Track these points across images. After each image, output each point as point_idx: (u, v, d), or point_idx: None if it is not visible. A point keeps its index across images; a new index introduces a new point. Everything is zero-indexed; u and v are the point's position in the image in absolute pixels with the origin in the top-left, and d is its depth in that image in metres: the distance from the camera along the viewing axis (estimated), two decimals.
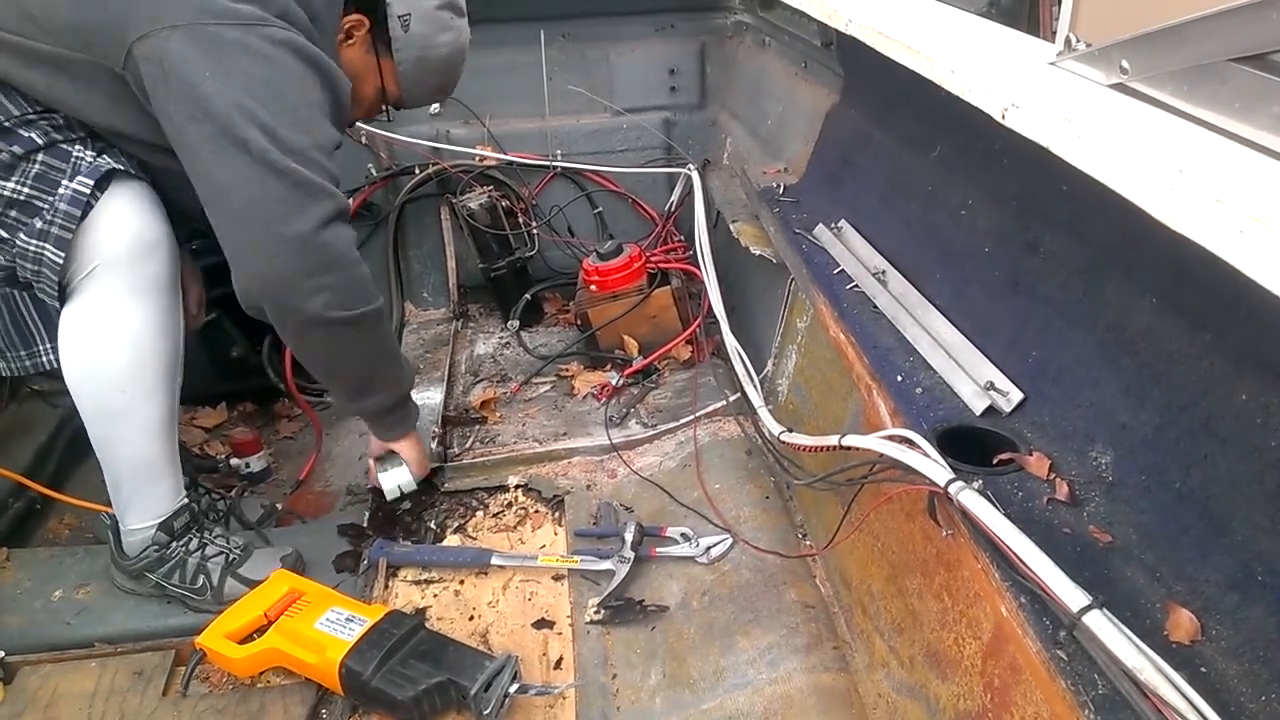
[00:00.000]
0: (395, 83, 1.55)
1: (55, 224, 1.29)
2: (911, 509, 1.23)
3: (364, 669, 1.32)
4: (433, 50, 1.55)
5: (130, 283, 1.34)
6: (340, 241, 1.33)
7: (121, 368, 1.38)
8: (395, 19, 1.49)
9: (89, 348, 1.37)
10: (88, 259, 1.32)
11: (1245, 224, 0.69)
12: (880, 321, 1.54)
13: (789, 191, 2.11)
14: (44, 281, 1.33)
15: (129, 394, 1.39)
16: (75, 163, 1.31)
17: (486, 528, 1.78)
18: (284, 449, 2.22)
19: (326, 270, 1.31)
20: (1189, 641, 0.86)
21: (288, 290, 1.31)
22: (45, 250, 1.30)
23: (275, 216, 1.26)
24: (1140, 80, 0.98)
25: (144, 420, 1.43)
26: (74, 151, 1.32)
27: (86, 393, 1.40)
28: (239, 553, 1.57)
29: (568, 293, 2.62)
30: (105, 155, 1.34)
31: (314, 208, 1.28)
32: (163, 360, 1.42)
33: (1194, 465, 0.96)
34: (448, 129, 2.67)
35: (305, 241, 1.27)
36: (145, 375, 1.40)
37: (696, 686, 1.38)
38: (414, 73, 1.55)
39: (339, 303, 1.34)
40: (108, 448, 1.45)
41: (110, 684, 1.40)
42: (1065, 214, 1.23)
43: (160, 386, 1.43)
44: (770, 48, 2.61)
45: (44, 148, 1.30)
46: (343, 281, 1.34)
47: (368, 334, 1.43)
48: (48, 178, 1.29)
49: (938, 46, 1.32)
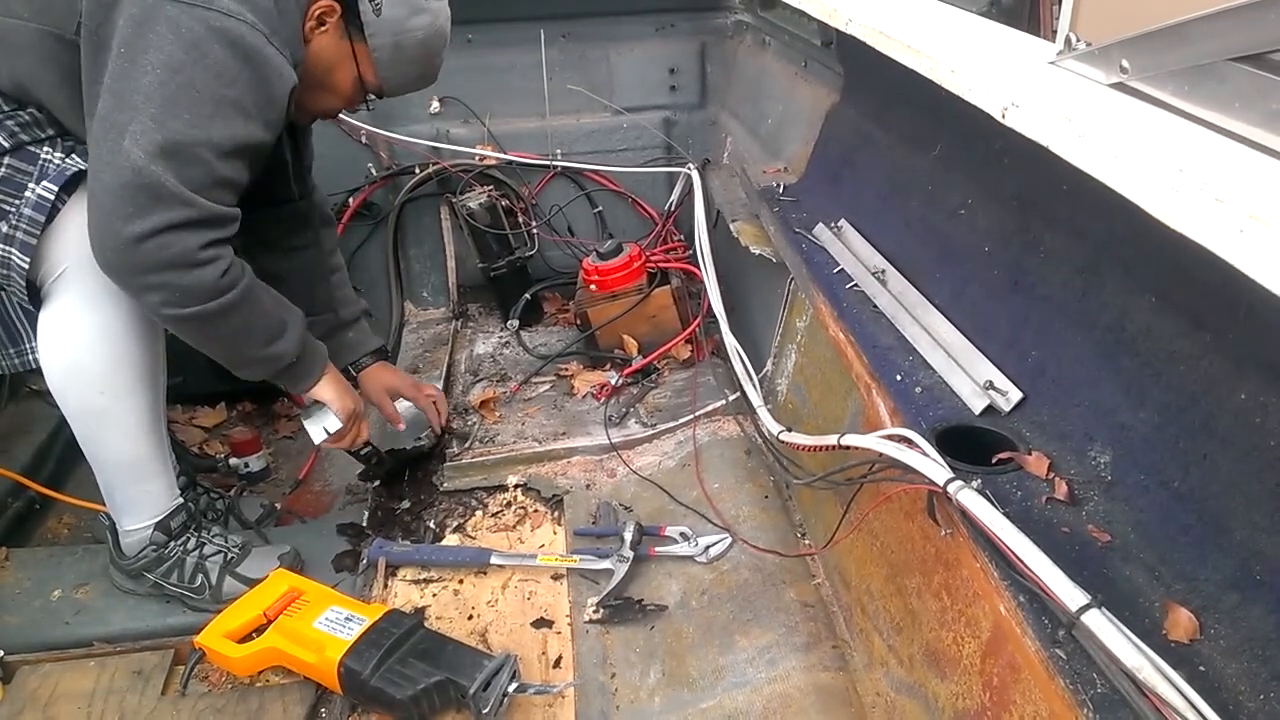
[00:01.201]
0: (372, 70, 1.50)
1: (20, 229, 1.29)
2: (910, 508, 1.23)
3: (363, 668, 1.32)
4: (408, 34, 1.48)
5: (101, 283, 1.32)
6: (173, 251, 1.25)
7: (99, 368, 1.37)
8: (366, 2, 1.43)
9: (65, 349, 1.37)
10: (57, 261, 1.32)
11: (1245, 223, 0.69)
12: (880, 321, 1.54)
13: (789, 191, 2.11)
14: (13, 286, 1.33)
15: (108, 394, 1.39)
16: (43, 165, 1.31)
17: (486, 527, 1.78)
18: (283, 448, 2.22)
19: (154, 272, 1.25)
20: (1188, 640, 0.86)
21: (120, 280, 1.28)
22: (11, 255, 1.29)
23: (116, 212, 1.22)
24: (1140, 80, 0.98)
25: (126, 420, 1.42)
26: (41, 154, 1.31)
27: (67, 394, 1.39)
28: (237, 552, 1.57)
29: (567, 292, 2.62)
30: (74, 155, 1.33)
31: (157, 214, 1.22)
32: (140, 360, 1.41)
33: (1193, 464, 0.96)
34: (448, 129, 2.67)
35: (135, 244, 1.22)
36: (122, 375, 1.40)
37: (695, 685, 1.38)
38: (390, 59, 1.49)
39: (174, 302, 1.29)
40: (93, 448, 1.45)
41: (109, 683, 1.40)
42: (1065, 213, 1.23)
43: (139, 386, 1.42)
44: (770, 47, 2.61)
45: (10, 151, 1.29)
46: (175, 284, 1.27)
47: (219, 324, 1.36)
48: (13, 181, 1.29)
49: (938, 46, 1.32)
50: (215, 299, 1.31)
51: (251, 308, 1.37)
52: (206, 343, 1.40)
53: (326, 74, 1.45)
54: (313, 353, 1.57)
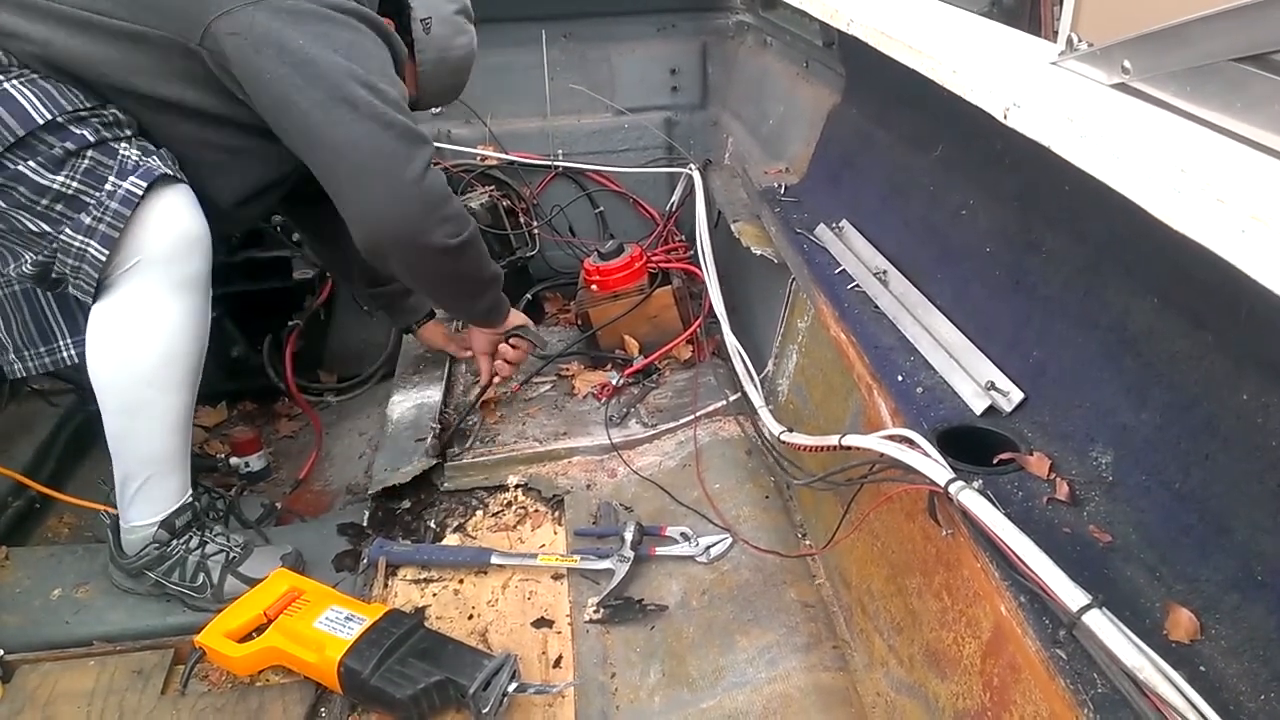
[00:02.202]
0: (415, 84, 1.63)
1: (104, 221, 1.31)
2: (911, 509, 1.23)
3: (363, 668, 1.31)
4: (451, 52, 1.65)
5: (170, 279, 1.37)
6: (441, 180, 1.47)
7: (153, 363, 1.40)
8: (418, 22, 1.59)
9: (121, 342, 1.39)
10: (129, 255, 1.34)
11: (1247, 224, 0.69)
12: (881, 321, 1.54)
13: (790, 191, 2.11)
14: (82, 278, 1.34)
15: (155, 388, 1.41)
16: (122, 160, 1.33)
17: (486, 527, 1.78)
18: (284, 448, 2.22)
19: (443, 204, 1.45)
20: (1188, 641, 0.86)
21: (418, 230, 1.43)
22: (90, 246, 1.31)
23: (394, 167, 1.36)
24: (1142, 80, 0.98)
25: (165, 415, 1.44)
26: (120, 149, 1.34)
27: (115, 385, 1.41)
28: (239, 551, 1.57)
29: (568, 292, 2.62)
30: (154, 156, 1.37)
31: (421, 152, 1.40)
32: (191, 357, 1.44)
33: (1194, 465, 0.96)
34: (449, 129, 2.67)
35: (422, 183, 1.39)
36: (174, 370, 1.42)
37: (696, 685, 1.38)
38: (433, 73, 1.64)
39: (455, 230, 1.49)
40: (125, 442, 1.45)
41: (109, 682, 1.40)
42: (1067, 214, 1.23)
43: (185, 383, 1.45)
44: (771, 47, 2.61)
45: (94, 144, 1.32)
46: (454, 211, 1.49)
47: (479, 250, 1.60)
48: (96, 173, 1.31)
49: (939, 46, 1.32)
50: (469, 225, 1.52)
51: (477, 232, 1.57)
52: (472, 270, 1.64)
53: None
54: None
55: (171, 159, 1.41)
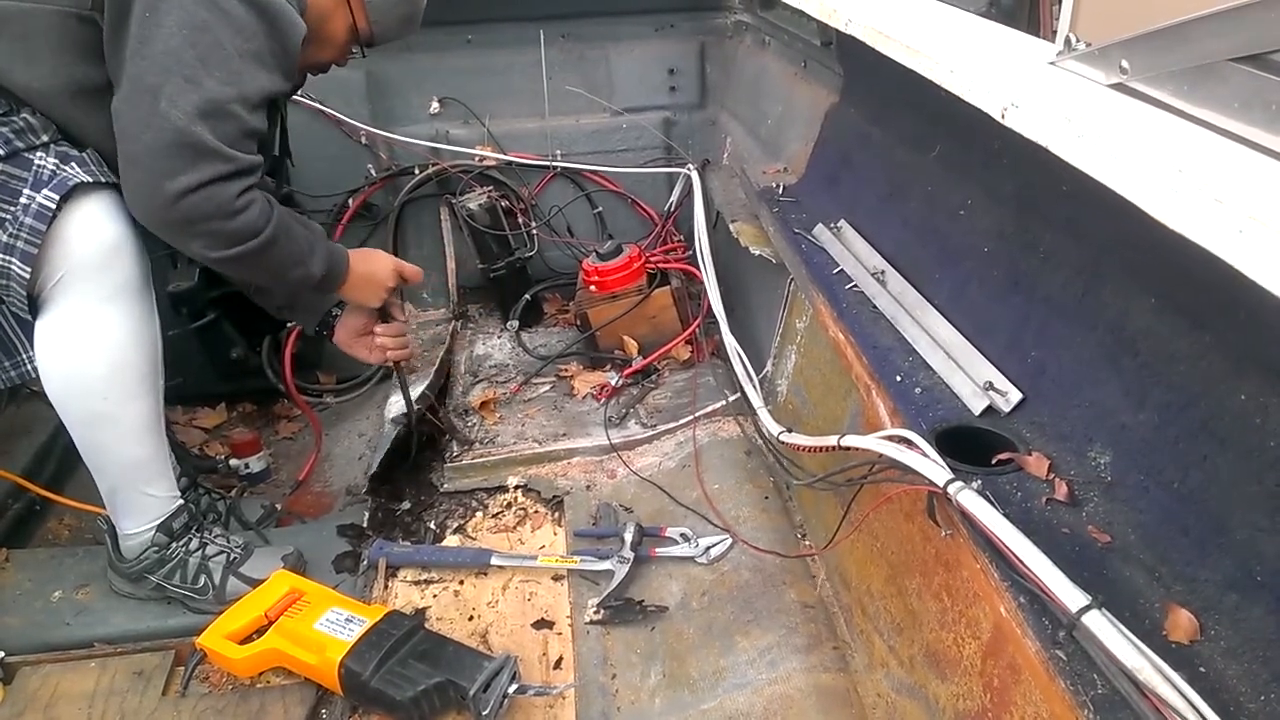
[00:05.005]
0: (365, 16, 1.54)
1: (21, 238, 1.28)
2: (911, 509, 1.23)
3: (363, 669, 1.32)
4: None
5: (101, 289, 1.33)
6: (216, 202, 1.30)
7: (100, 374, 1.37)
8: None
9: (65, 357, 1.36)
10: (54, 269, 1.31)
11: (1244, 224, 0.69)
12: (879, 321, 1.54)
13: (788, 191, 2.11)
14: (14, 295, 1.32)
15: (110, 400, 1.39)
16: (37, 171, 1.29)
17: (486, 528, 1.78)
18: (283, 449, 2.22)
19: (200, 223, 1.31)
20: (1188, 641, 0.86)
21: (166, 232, 1.33)
22: (12, 264, 1.28)
23: (160, 170, 1.26)
24: (1140, 80, 0.98)
25: (129, 425, 1.42)
26: (35, 159, 1.30)
27: (68, 402, 1.39)
28: (240, 552, 1.57)
29: (567, 293, 2.62)
30: (71, 164, 1.32)
31: (198, 170, 1.27)
32: (141, 363, 1.41)
33: (1193, 465, 0.96)
34: (447, 129, 2.67)
35: (180, 199, 1.27)
36: (125, 380, 1.39)
37: (696, 687, 1.38)
38: (382, 3, 1.55)
39: (218, 245, 1.34)
40: (96, 454, 1.44)
41: (110, 684, 1.40)
42: (1065, 214, 1.23)
43: (141, 390, 1.42)
44: (770, 47, 2.61)
45: (5, 157, 1.28)
46: (219, 231, 1.32)
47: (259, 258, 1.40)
48: (9, 187, 1.28)
49: (937, 46, 1.32)
50: (254, 238, 1.37)
51: (286, 235, 1.42)
52: (250, 274, 1.50)
53: (322, 24, 1.48)
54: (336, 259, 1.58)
55: (96, 160, 1.36)
